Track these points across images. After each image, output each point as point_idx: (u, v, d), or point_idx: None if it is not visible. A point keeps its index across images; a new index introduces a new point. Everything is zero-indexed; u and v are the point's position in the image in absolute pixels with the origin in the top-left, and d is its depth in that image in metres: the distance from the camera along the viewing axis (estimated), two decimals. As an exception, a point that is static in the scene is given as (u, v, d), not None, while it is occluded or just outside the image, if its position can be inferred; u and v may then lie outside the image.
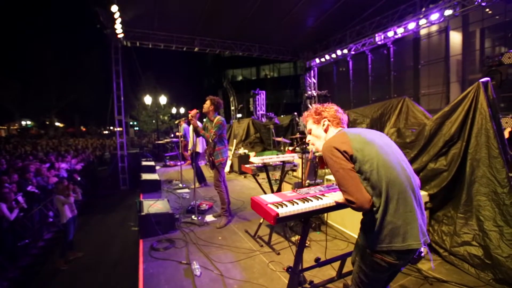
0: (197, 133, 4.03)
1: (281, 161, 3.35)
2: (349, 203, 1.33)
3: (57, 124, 31.00)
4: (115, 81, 8.63)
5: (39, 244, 5.78)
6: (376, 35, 8.07)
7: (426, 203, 2.97)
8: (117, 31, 7.51)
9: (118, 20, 7.03)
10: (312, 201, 1.60)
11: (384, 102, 4.11)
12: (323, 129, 1.61)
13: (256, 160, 3.30)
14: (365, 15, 8.14)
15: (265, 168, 3.27)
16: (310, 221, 1.64)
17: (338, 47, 9.61)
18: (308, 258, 2.94)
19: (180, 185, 6.44)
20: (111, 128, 8.27)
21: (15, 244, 4.99)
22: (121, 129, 9.04)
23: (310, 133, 1.68)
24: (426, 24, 7.13)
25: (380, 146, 1.37)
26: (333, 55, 9.98)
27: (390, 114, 4.03)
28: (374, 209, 1.30)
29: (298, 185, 3.90)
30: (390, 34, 7.91)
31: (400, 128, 3.79)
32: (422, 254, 1.40)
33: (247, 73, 28.07)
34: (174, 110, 22.67)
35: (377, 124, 4.05)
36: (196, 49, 10.03)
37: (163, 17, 7.98)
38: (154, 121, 17.80)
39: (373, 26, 8.22)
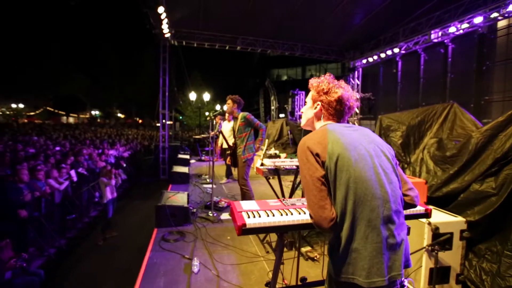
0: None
1: (295, 165, 3.16)
2: (310, 217, 1.15)
3: (119, 115, 35.11)
4: (161, 77, 9.29)
5: (85, 220, 6.54)
6: (432, 32, 7.11)
7: (463, 231, 2.48)
8: (164, 31, 8.03)
9: (165, 21, 7.51)
10: (292, 214, 1.43)
11: (426, 108, 3.58)
12: (313, 112, 1.35)
13: (268, 162, 3.17)
14: (422, 10, 7.23)
15: (276, 171, 3.12)
16: (284, 237, 1.46)
17: (389, 46, 8.75)
18: (313, 273, 2.72)
19: (208, 180, 6.61)
20: (163, 121, 9.12)
21: (64, 217, 5.71)
22: (167, 122, 9.70)
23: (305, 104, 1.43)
24: (499, 18, 6.02)
25: (361, 156, 1.12)
26: (382, 55, 9.13)
27: (432, 121, 3.49)
28: (340, 230, 1.09)
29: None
30: (452, 30, 6.88)
31: (442, 138, 3.25)
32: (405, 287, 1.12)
33: (292, 73, 27.64)
34: (218, 107, 23.58)
35: (415, 133, 3.54)
36: (238, 47, 10.17)
37: (207, 17, 8.27)
38: (197, 116, 18.84)
39: (430, 23, 7.26)
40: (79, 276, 4.38)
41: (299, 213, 1.44)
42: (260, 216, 1.38)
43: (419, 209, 1.57)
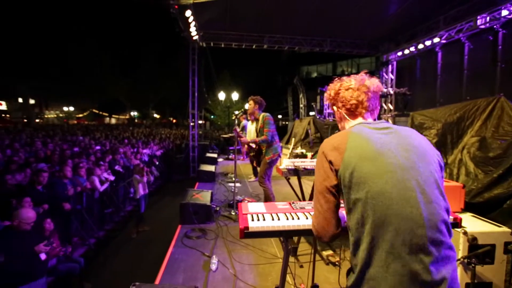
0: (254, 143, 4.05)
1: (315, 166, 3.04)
2: (312, 225, 1.08)
3: (155, 115, 37.38)
4: (190, 79, 9.63)
5: (121, 214, 7.04)
6: (478, 17, 6.35)
7: (508, 243, 2.17)
8: (192, 34, 8.30)
9: (193, 24, 7.74)
10: (298, 218, 1.36)
11: (466, 103, 3.21)
12: (337, 116, 1.23)
13: (287, 162, 3.10)
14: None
15: (296, 171, 3.03)
16: (289, 242, 1.40)
17: (427, 36, 8.03)
18: (332, 279, 2.60)
19: (233, 178, 6.69)
20: (193, 120, 9.54)
21: (103, 211, 6.21)
22: (198, 121, 10.03)
23: None
24: None
25: (387, 165, 0.92)
26: (420, 46, 8.42)
27: (474, 118, 3.11)
28: (356, 252, 0.95)
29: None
30: (504, 13, 6.09)
31: (485, 137, 2.89)
32: None
33: (322, 69, 26.83)
34: (247, 106, 23.84)
35: (453, 131, 3.19)
36: (265, 46, 10.14)
37: (233, 17, 8.35)
38: (227, 115, 19.27)
39: (477, 7, 6.51)
40: (114, 265, 4.73)
41: (307, 218, 1.37)
42: (264, 219, 1.34)
43: (446, 217, 1.40)
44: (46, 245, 2.93)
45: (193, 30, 8.11)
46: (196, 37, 8.71)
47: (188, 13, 7.03)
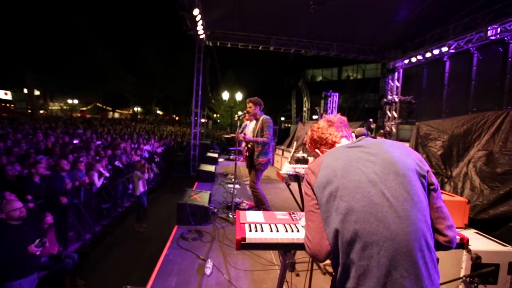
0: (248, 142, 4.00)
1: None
2: (305, 246, 1.07)
3: (158, 112, 37.38)
4: (195, 77, 9.61)
5: (118, 209, 6.99)
6: (489, 28, 6.28)
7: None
8: (199, 32, 8.27)
9: (200, 22, 7.71)
10: (298, 231, 1.30)
11: (474, 115, 3.13)
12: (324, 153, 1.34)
13: (288, 167, 3.04)
14: (478, 4, 6.44)
15: (297, 178, 2.97)
16: (287, 256, 1.34)
17: (436, 45, 7.96)
18: (329, 290, 2.54)
19: (233, 180, 6.63)
20: (196, 119, 9.50)
21: (100, 206, 6.16)
22: (201, 120, 9.95)
23: None
24: None
25: (353, 182, 0.96)
26: (428, 55, 8.35)
27: (481, 131, 3.04)
28: (335, 267, 0.99)
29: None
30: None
31: (493, 152, 2.82)
32: None
33: (327, 73, 26.74)
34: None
35: (459, 144, 3.12)
36: (271, 48, 10.11)
37: (241, 17, 8.32)
38: (230, 115, 19.24)
39: (488, 18, 6.43)
40: (108, 262, 4.67)
41: (306, 231, 1.31)
42: (263, 230, 1.29)
43: (452, 237, 1.33)
44: (38, 246, 2.85)
45: (200, 28, 8.09)
46: (202, 36, 8.69)
47: (195, 11, 7.00)
